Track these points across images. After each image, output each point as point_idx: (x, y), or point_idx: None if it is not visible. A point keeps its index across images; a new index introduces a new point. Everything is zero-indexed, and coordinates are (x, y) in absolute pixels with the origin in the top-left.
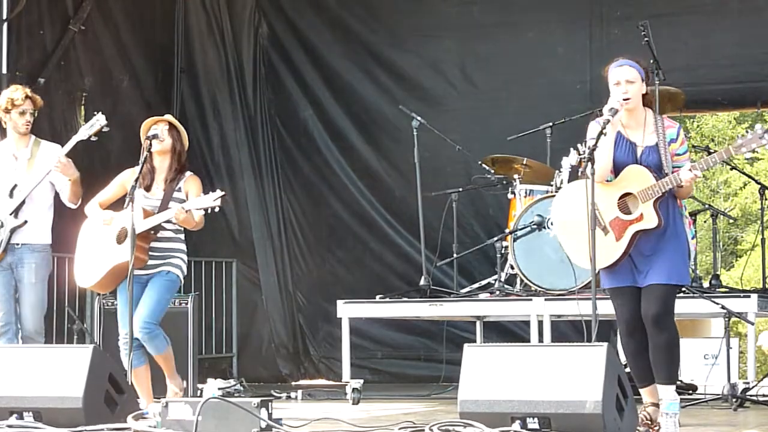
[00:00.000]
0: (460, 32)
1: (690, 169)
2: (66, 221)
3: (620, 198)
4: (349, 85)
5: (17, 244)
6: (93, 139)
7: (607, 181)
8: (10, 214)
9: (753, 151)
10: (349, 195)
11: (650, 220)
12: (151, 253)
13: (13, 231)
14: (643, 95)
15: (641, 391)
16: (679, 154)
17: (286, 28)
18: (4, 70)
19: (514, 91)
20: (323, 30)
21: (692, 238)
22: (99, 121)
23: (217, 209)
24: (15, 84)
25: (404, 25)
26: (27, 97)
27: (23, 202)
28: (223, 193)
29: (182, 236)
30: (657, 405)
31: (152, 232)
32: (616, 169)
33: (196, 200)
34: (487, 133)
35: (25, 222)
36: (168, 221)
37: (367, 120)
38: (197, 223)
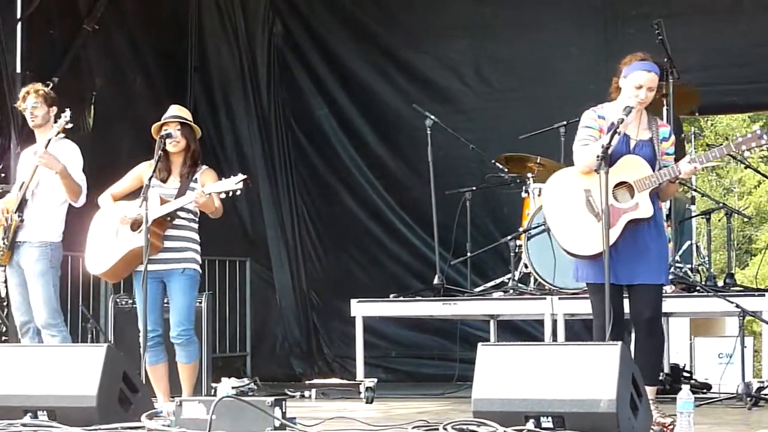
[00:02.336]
0: (474, 32)
1: (690, 161)
2: (75, 220)
3: (615, 186)
4: (364, 84)
5: (21, 242)
6: (60, 135)
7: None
8: (15, 212)
9: (751, 149)
10: (364, 194)
11: (646, 210)
12: (165, 242)
13: (16, 230)
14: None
15: None
16: (668, 154)
17: (301, 27)
18: (18, 70)
19: (529, 91)
20: (338, 29)
21: (669, 242)
22: (65, 117)
23: (239, 192)
24: (26, 83)
25: (419, 25)
26: (28, 92)
27: (26, 200)
28: (245, 176)
29: (196, 225)
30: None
31: (168, 219)
32: (610, 159)
33: (218, 184)
34: (501, 132)
35: (22, 220)
36: (182, 209)
37: (382, 119)
38: (217, 209)
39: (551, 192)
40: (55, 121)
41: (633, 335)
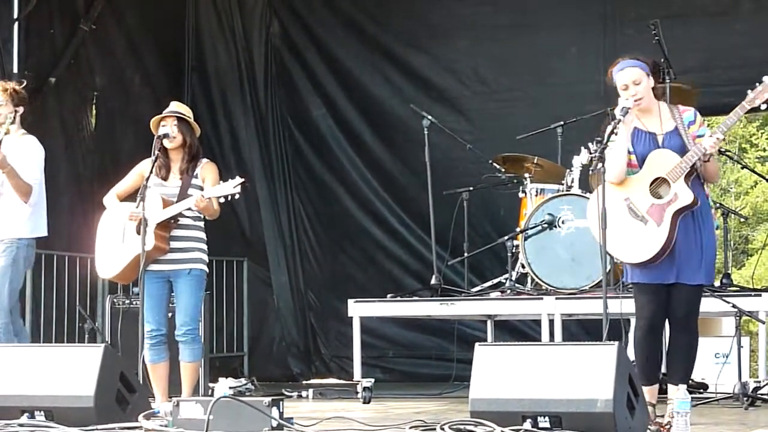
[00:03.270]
0: (473, 33)
1: (711, 135)
2: (77, 221)
3: (650, 184)
4: (361, 84)
5: None
6: (21, 131)
7: (635, 173)
8: None
9: (766, 101)
10: (362, 194)
11: (685, 197)
12: (171, 243)
13: None
14: (653, 88)
15: (643, 389)
16: (699, 136)
17: (298, 26)
18: (15, 70)
19: (528, 92)
20: (336, 29)
21: (716, 228)
22: (8, 118)
23: (237, 196)
24: (28, 83)
25: (418, 25)
26: None
27: None
28: (243, 180)
29: (201, 224)
30: (654, 406)
31: (172, 220)
32: (641, 162)
33: (217, 188)
34: (500, 133)
35: None
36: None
37: (380, 119)
38: (215, 211)
39: (594, 205)
40: (22, 121)
41: (631, 335)
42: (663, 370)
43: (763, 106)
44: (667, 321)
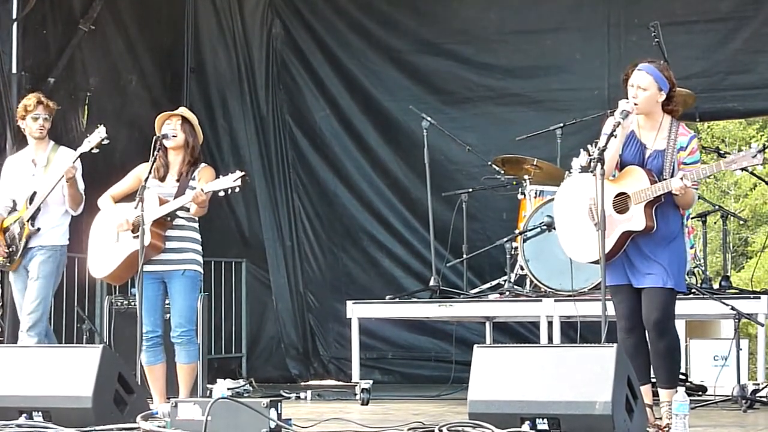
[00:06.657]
0: (478, 37)
1: (681, 178)
2: (73, 221)
3: (616, 196)
4: (366, 86)
5: (32, 247)
6: (95, 150)
7: (612, 176)
8: (28, 221)
9: (744, 169)
10: (364, 195)
11: (638, 223)
12: (165, 243)
13: (29, 238)
14: (668, 102)
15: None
16: (686, 164)
17: (301, 28)
18: (14, 70)
19: (532, 97)
20: (340, 30)
21: (690, 248)
22: (99, 133)
23: (237, 189)
24: (23, 83)
25: (423, 28)
26: (39, 102)
27: (38, 209)
28: (243, 173)
29: (196, 224)
30: (650, 407)
31: (168, 218)
32: (622, 167)
33: (217, 181)
34: (505, 137)
35: (38, 230)
36: (182, 209)
37: (384, 121)
38: (204, 208)
39: (560, 198)
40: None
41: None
42: None
43: (738, 172)
44: None
